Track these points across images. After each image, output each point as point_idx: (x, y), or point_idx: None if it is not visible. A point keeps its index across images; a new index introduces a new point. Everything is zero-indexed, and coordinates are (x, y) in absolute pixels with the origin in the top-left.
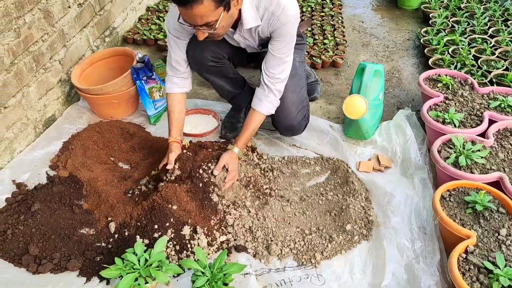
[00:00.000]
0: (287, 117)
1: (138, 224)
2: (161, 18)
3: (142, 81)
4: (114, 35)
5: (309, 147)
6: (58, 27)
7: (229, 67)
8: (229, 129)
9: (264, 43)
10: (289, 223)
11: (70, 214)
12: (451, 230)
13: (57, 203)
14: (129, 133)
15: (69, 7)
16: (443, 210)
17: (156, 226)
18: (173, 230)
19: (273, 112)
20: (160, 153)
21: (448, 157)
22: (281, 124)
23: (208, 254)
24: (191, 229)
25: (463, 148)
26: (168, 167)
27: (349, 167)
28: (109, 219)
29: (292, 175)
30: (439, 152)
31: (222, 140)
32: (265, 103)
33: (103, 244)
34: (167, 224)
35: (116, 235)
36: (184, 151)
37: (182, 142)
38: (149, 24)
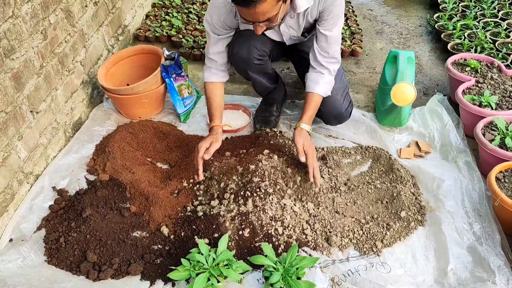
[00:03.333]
0: (334, 105)
1: (194, 227)
2: (170, 14)
3: (172, 79)
4: (126, 33)
5: (346, 137)
6: (78, 27)
7: (269, 64)
8: (263, 123)
9: (307, 30)
10: (343, 213)
11: (119, 218)
12: None
13: (104, 207)
14: (163, 132)
15: (86, 6)
16: (501, 191)
17: (214, 226)
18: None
19: (330, 94)
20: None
21: (493, 139)
22: (329, 113)
23: None
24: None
25: (507, 130)
26: (199, 177)
27: (391, 155)
28: (162, 222)
29: (336, 166)
30: (483, 134)
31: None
32: (322, 84)
33: (159, 246)
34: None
35: (172, 237)
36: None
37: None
38: (159, 21)
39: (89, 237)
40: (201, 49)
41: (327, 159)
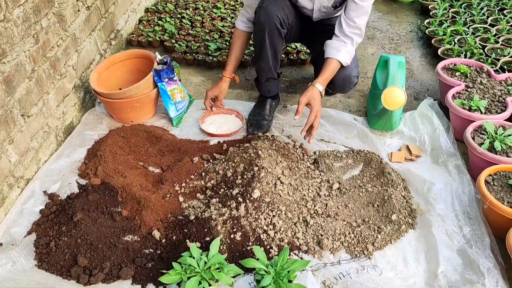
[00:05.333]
0: (345, 68)
1: (186, 230)
2: (163, 19)
3: (164, 83)
4: (118, 38)
5: (338, 141)
6: (70, 31)
7: (282, 42)
8: (255, 127)
9: (337, 4)
10: (334, 217)
11: (111, 222)
12: (502, 213)
13: (96, 211)
14: (155, 136)
15: (78, 10)
16: (490, 194)
17: (205, 230)
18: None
19: (349, 63)
20: (193, 155)
21: (482, 143)
22: (339, 75)
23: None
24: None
25: (496, 134)
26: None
27: (382, 159)
28: (153, 226)
29: (327, 169)
30: (473, 138)
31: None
32: (344, 53)
33: (150, 250)
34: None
35: (163, 241)
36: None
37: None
38: (152, 26)
39: (80, 241)
40: (193, 54)
41: (319, 163)
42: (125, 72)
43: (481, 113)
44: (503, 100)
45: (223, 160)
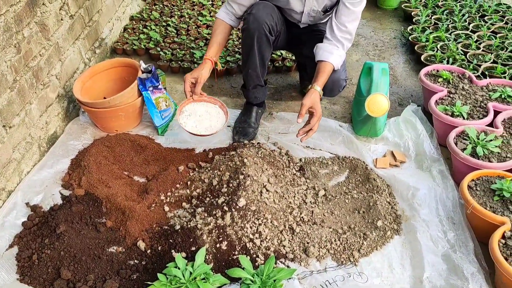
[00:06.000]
0: (334, 71)
1: (171, 241)
2: (148, 27)
3: (149, 92)
4: (103, 46)
5: (323, 147)
6: (53, 40)
7: (270, 49)
8: (241, 134)
9: (327, 8)
10: (321, 224)
11: (95, 233)
12: (485, 218)
13: (79, 223)
14: (140, 145)
15: (61, 19)
16: (473, 199)
17: (191, 240)
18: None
19: (340, 67)
20: (178, 163)
21: (465, 148)
22: (329, 79)
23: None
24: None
25: (478, 139)
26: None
27: (367, 165)
28: (138, 236)
29: (313, 176)
30: (455, 144)
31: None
32: (335, 56)
33: (135, 261)
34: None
35: (148, 251)
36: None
37: (215, 65)
38: (137, 34)
39: (63, 254)
40: (179, 62)
41: (305, 170)
42: (109, 81)
43: (464, 118)
44: (484, 106)
45: (209, 168)
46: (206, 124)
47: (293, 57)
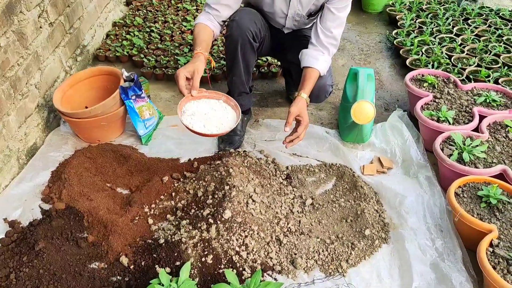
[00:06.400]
0: (321, 77)
1: (155, 255)
2: (131, 33)
3: (131, 101)
4: (85, 53)
5: (310, 155)
6: (32, 49)
7: (254, 55)
8: (227, 143)
9: (312, 12)
10: (308, 234)
11: (76, 249)
12: (472, 226)
13: (60, 238)
14: (123, 156)
15: (40, 27)
16: (460, 206)
17: (175, 254)
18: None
19: (326, 73)
20: (163, 174)
21: (451, 154)
22: (315, 85)
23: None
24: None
25: (464, 144)
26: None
27: (354, 172)
28: (121, 251)
29: (300, 185)
30: (442, 150)
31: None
32: (321, 62)
33: (118, 277)
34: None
35: (131, 267)
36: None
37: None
38: (120, 40)
39: (42, 272)
40: (163, 69)
41: (292, 178)
42: (91, 89)
43: (449, 123)
44: (470, 110)
45: (194, 179)
46: (215, 122)
47: (279, 63)
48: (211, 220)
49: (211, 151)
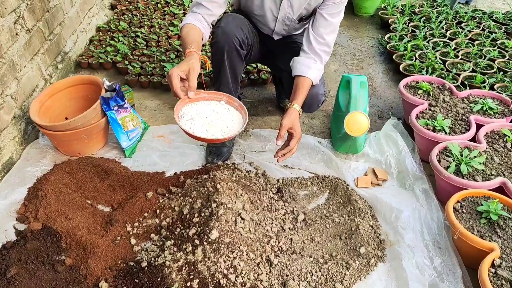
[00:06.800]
0: (313, 86)
1: (137, 280)
2: (115, 39)
3: (114, 111)
4: (66, 60)
5: (302, 166)
6: (7, 57)
7: (242, 63)
8: (215, 155)
9: (303, 17)
10: (300, 253)
11: (52, 274)
12: (473, 244)
13: (35, 262)
14: (105, 170)
15: (17, 34)
16: (459, 223)
17: (158, 279)
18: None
19: (318, 82)
20: (147, 189)
21: (448, 166)
22: (308, 94)
23: None
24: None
25: (461, 156)
26: (188, 95)
27: (348, 184)
28: (101, 275)
29: (292, 199)
30: (438, 161)
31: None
32: (314, 71)
33: None
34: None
35: None
36: None
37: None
38: (104, 46)
39: None
40: (148, 76)
41: (283, 192)
42: (71, 99)
43: (446, 133)
44: (466, 119)
45: (180, 195)
46: (219, 125)
47: (269, 69)
48: (197, 241)
49: (198, 164)
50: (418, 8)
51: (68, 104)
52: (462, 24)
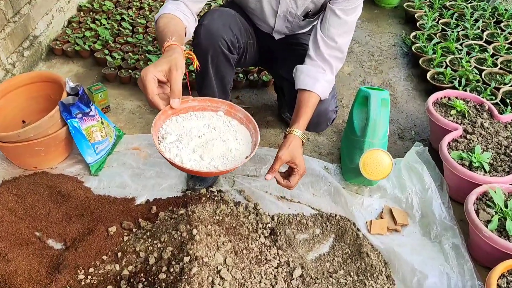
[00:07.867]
0: (321, 101)
1: None
2: (97, 22)
3: (77, 120)
4: (36, 46)
5: (303, 199)
6: None
7: (231, 70)
8: (198, 179)
9: (309, 12)
10: None
11: None
12: None
13: None
14: (61, 193)
15: None
16: None
17: None
18: None
19: (328, 97)
20: (110, 222)
21: (489, 221)
22: (315, 111)
23: None
24: None
25: (507, 207)
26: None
27: (358, 229)
28: None
29: (288, 245)
30: (476, 212)
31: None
32: (322, 83)
33: None
34: None
35: None
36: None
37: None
38: (83, 30)
39: None
40: (129, 71)
41: (277, 234)
42: (30, 99)
43: (485, 171)
44: (511, 153)
45: (148, 234)
46: (217, 150)
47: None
48: None
49: (176, 189)
50: (450, 1)
51: (26, 104)
52: (502, 24)
